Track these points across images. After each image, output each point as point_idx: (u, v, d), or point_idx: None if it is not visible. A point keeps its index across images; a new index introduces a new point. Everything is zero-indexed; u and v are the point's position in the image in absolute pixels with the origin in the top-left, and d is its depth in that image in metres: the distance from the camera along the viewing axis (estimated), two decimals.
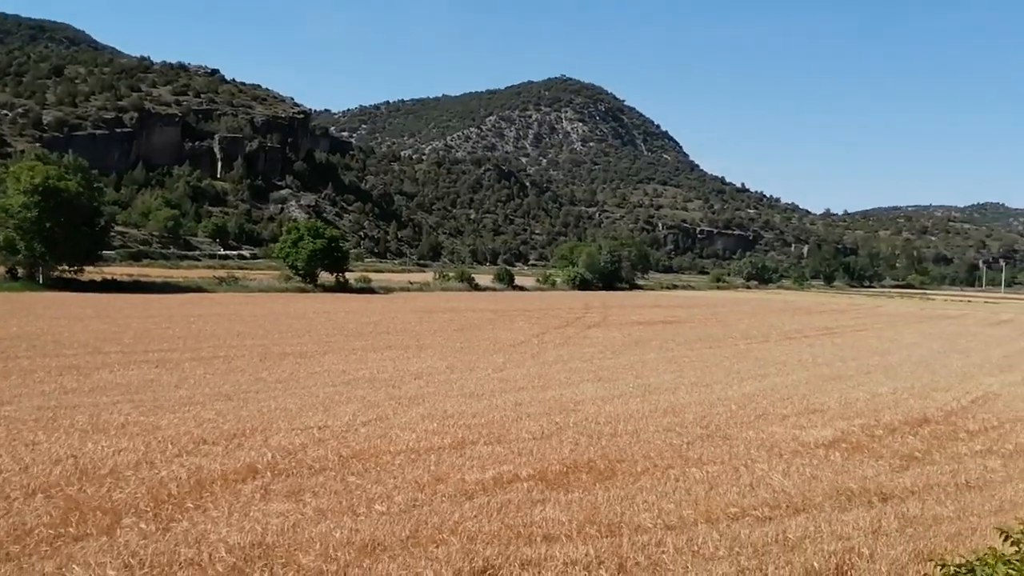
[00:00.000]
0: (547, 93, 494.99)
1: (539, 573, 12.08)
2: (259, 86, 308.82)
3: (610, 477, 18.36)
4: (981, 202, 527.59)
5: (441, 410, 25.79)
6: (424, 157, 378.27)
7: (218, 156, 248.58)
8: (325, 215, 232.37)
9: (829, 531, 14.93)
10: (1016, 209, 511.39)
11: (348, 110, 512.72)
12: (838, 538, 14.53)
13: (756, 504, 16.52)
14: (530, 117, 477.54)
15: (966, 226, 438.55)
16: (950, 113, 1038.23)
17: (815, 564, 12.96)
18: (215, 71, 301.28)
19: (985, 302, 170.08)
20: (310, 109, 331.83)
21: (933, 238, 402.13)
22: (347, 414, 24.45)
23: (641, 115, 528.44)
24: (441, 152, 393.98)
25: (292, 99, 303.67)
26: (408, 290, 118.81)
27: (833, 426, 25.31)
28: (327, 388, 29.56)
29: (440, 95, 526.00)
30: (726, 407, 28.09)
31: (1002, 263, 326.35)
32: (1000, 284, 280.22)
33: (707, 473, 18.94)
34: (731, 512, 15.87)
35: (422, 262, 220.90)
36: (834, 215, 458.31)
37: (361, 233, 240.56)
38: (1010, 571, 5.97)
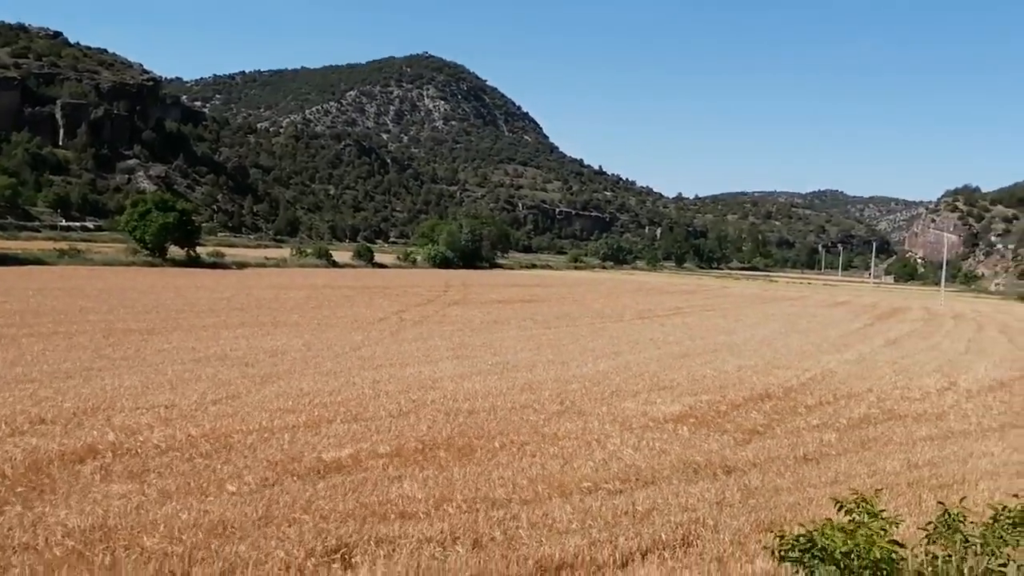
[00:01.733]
0: (409, 70, 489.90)
1: (394, 551, 12.03)
2: (105, 51, 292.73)
3: (468, 454, 18.48)
4: (821, 189, 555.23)
5: (296, 388, 25.32)
6: (282, 130, 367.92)
7: (60, 123, 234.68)
8: (176, 187, 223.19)
9: (676, 503, 15.47)
10: (853, 196, 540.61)
11: (201, 79, 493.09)
12: (685, 509, 15.08)
13: (608, 478, 16.94)
14: (392, 93, 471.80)
15: (807, 212, 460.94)
16: (794, 104, 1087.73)
17: (663, 535, 13.40)
18: (58, 33, 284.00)
19: (824, 284, 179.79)
20: (160, 76, 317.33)
21: (777, 223, 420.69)
22: (196, 393, 23.68)
23: (503, 95, 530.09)
24: (300, 126, 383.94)
25: (141, 65, 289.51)
26: (264, 266, 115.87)
27: (682, 402, 26.21)
28: (175, 366, 28.54)
29: (299, 67, 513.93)
30: (581, 384, 28.67)
31: (839, 248, 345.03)
32: (838, 268, 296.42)
33: (562, 448, 19.31)
34: (584, 486, 16.23)
35: (279, 238, 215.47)
36: (686, 199, 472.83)
37: (214, 206, 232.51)
38: (847, 539, 6.34)
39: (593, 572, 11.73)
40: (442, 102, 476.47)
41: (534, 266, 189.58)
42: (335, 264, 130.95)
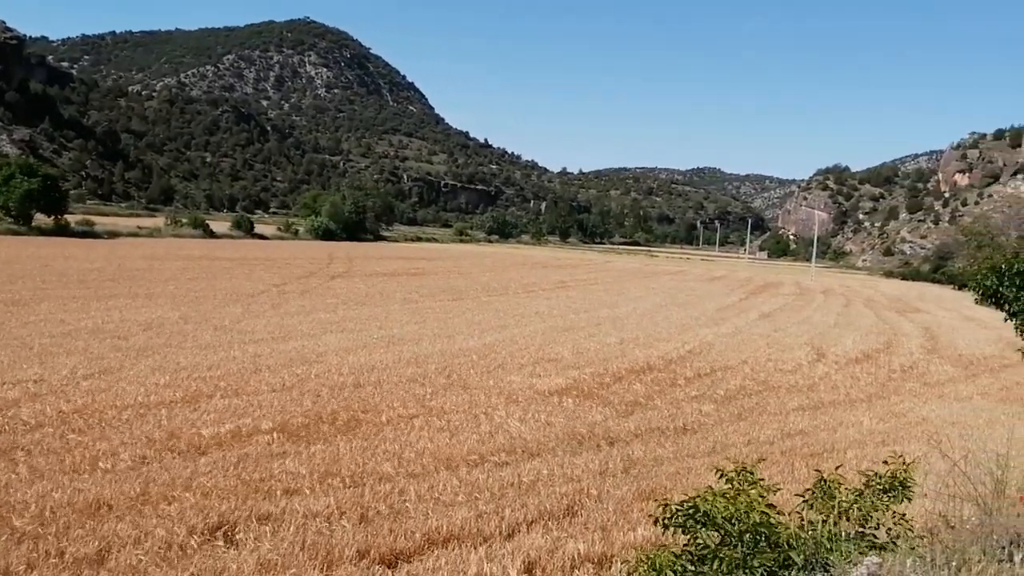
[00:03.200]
0: (290, 35, 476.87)
1: (278, 527, 11.83)
2: None
3: (353, 428, 18.30)
4: (700, 167, 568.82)
5: (173, 362, 24.54)
6: (155, 94, 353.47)
7: None
8: (41, 152, 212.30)
9: (561, 474, 15.70)
10: (730, 174, 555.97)
11: (69, 38, 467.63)
12: (569, 480, 15.31)
13: (494, 450, 17.05)
14: (272, 59, 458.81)
15: (687, 188, 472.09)
16: (676, 82, 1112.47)
17: (548, 506, 13.57)
18: None
19: (702, 260, 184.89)
20: (24, 35, 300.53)
21: (658, 199, 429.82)
22: (67, 367, 22.68)
23: (387, 64, 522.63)
24: (174, 90, 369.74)
25: (3, 23, 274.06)
26: (137, 235, 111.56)
27: (566, 375, 26.56)
28: (43, 339, 27.24)
29: (173, 28, 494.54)
30: (468, 357, 28.73)
31: (717, 224, 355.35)
32: (715, 243, 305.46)
33: (449, 422, 19.33)
34: (471, 459, 16.30)
35: (152, 207, 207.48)
36: (570, 174, 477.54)
37: (83, 173, 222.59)
38: (728, 505, 6.53)
39: (480, 543, 11.78)
40: (324, 69, 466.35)
41: (419, 239, 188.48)
42: (212, 235, 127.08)
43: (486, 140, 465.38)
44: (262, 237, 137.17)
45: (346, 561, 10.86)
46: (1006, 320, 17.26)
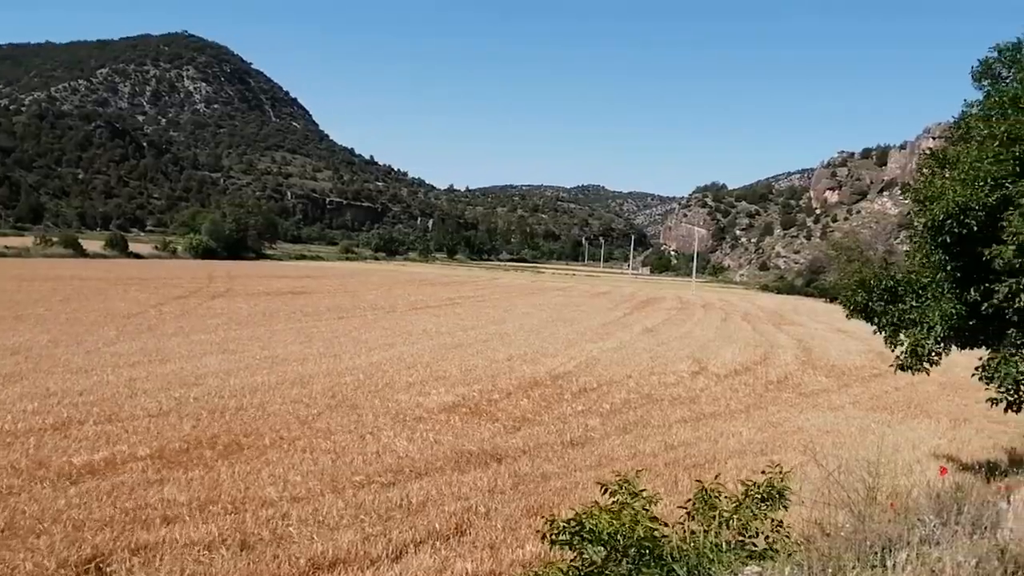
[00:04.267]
0: (167, 49, 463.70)
1: (155, 557, 11.37)
2: None
3: (235, 452, 17.78)
4: (585, 184, 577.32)
5: (43, 388, 23.39)
6: (24, 108, 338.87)
7: None
8: None
9: (450, 492, 15.60)
10: (614, 192, 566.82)
11: None
12: (458, 499, 15.23)
13: (381, 471, 16.83)
14: (148, 73, 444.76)
15: (572, 206, 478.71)
16: (560, 101, 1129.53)
17: (437, 525, 13.47)
18: None
19: (587, 275, 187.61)
20: None
21: (544, 216, 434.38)
22: None
23: (269, 80, 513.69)
24: (44, 104, 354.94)
25: None
26: (4, 256, 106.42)
27: (455, 392, 26.48)
28: None
29: (43, 41, 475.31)
30: (354, 377, 28.33)
31: (601, 240, 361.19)
32: (600, 259, 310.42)
33: (334, 443, 18.99)
34: (357, 480, 16.04)
35: (20, 225, 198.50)
36: (457, 191, 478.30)
37: None
38: (613, 520, 6.58)
39: (367, 567, 11.60)
40: (204, 84, 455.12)
41: (304, 257, 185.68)
42: (85, 254, 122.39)
43: (372, 157, 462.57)
44: (138, 256, 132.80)
45: None
46: (875, 333, 17.97)
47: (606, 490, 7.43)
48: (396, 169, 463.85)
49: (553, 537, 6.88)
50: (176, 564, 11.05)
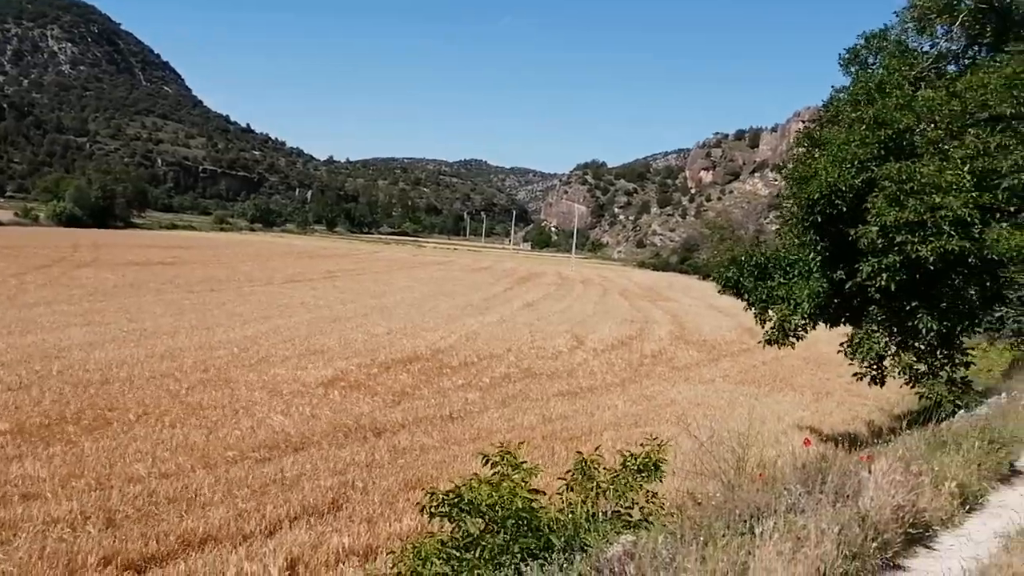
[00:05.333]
0: (30, 6, 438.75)
1: (14, 536, 10.85)
2: None
3: (100, 427, 17.10)
4: (467, 159, 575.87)
5: None
6: None
7: None
8: None
9: (326, 467, 15.41)
10: (496, 167, 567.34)
11: None
12: (335, 473, 15.06)
13: (256, 446, 16.48)
14: (9, 31, 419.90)
15: (454, 180, 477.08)
16: (443, 74, 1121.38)
17: (312, 500, 13.29)
18: None
19: (469, 250, 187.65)
20: None
21: (426, 189, 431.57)
22: None
23: (140, 42, 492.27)
24: None
25: None
26: None
27: (333, 366, 26.14)
28: None
29: None
30: (228, 350, 27.63)
31: (483, 215, 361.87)
32: (481, 234, 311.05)
33: (206, 418, 18.50)
34: (230, 456, 15.67)
35: None
36: (337, 162, 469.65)
37: None
38: (492, 492, 6.59)
39: (239, 543, 11.35)
40: (69, 44, 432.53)
41: (175, 227, 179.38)
42: None
43: (248, 125, 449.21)
44: None
45: (90, 569, 10.13)
46: (746, 309, 18.56)
47: (487, 461, 7.43)
48: (274, 138, 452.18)
49: (432, 509, 6.86)
50: (36, 542, 10.56)
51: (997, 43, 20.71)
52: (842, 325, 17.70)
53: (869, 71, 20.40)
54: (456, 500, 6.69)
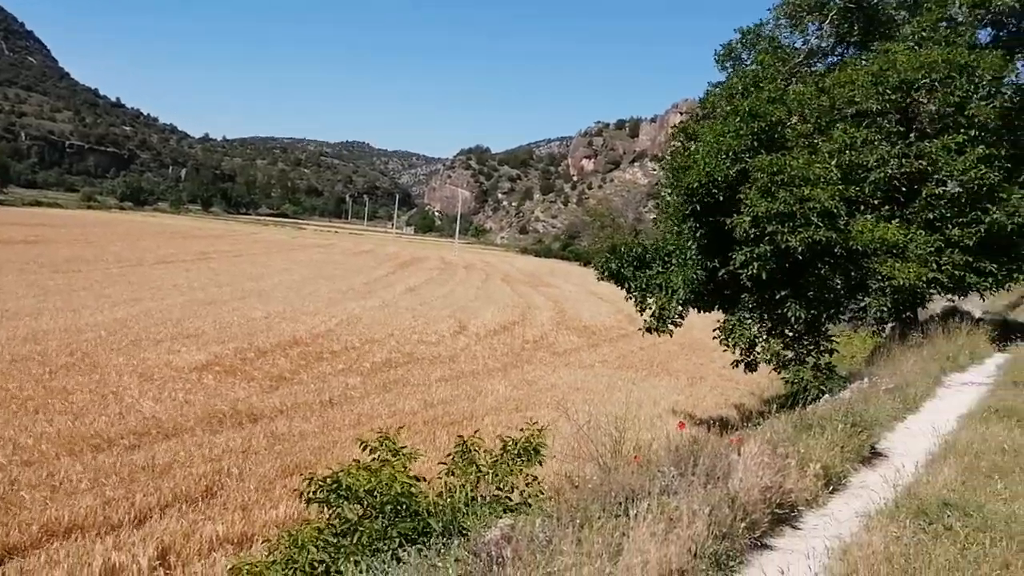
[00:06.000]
0: None
1: None
2: None
3: None
4: (349, 140, 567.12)
5: None
6: None
7: None
8: None
9: (200, 454, 15.00)
10: (379, 149, 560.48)
11: None
12: (208, 460, 14.68)
13: (125, 432, 15.92)
14: None
15: (335, 162, 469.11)
16: (325, 53, 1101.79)
17: (184, 488, 12.93)
18: None
19: (351, 233, 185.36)
20: None
21: (306, 171, 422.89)
22: None
23: (2, 9, 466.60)
24: None
25: None
26: None
27: (208, 350, 25.44)
28: None
29: None
30: (96, 333, 26.55)
31: (365, 198, 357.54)
32: (364, 217, 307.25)
33: (72, 403, 17.76)
34: (97, 443, 15.10)
35: None
36: (213, 140, 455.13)
37: None
38: (371, 478, 6.53)
39: (107, 532, 10.97)
40: None
41: (39, 203, 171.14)
42: None
43: (118, 99, 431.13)
44: None
45: None
46: (627, 298, 18.96)
47: (366, 447, 7.37)
48: (146, 114, 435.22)
49: (310, 495, 6.76)
50: None
51: (864, 41, 21.73)
52: (716, 312, 18.24)
53: (744, 66, 21.07)
54: (334, 486, 6.61)
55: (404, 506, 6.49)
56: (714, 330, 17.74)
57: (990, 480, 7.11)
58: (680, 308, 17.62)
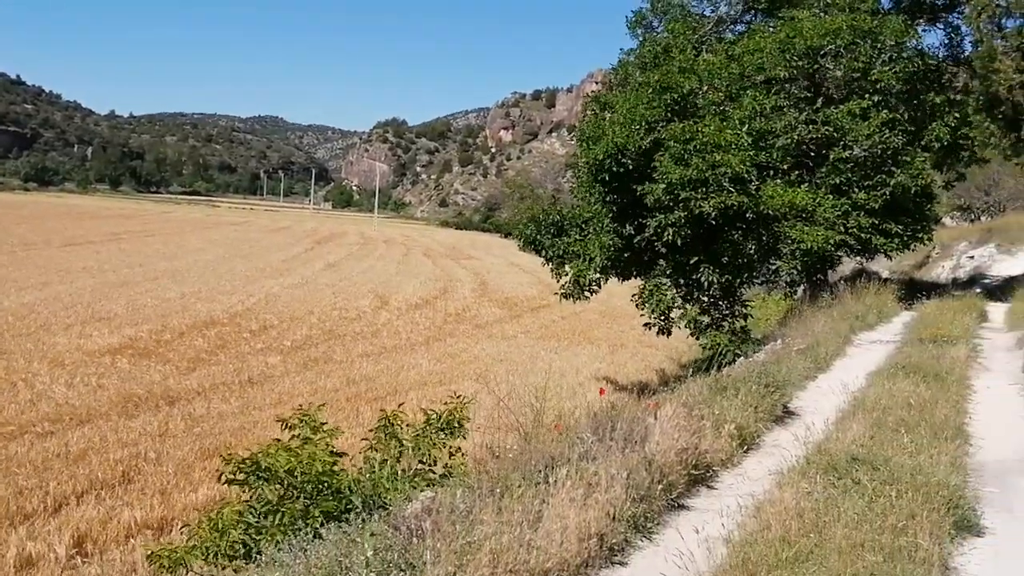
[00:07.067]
0: None
1: None
2: None
3: None
4: (262, 115, 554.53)
5: None
6: None
7: None
8: None
9: (116, 439, 14.68)
10: (293, 124, 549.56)
11: None
12: (125, 445, 14.38)
13: (37, 419, 15.48)
14: None
15: (248, 137, 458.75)
16: (233, 26, 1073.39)
17: (101, 474, 12.66)
18: None
19: (266, 210, 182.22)
20: None
21: (218, 146, 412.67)
22: None
23: None
24: None
25: None
26: None
27: (121, 333, 24.83)
28: None
29: None
30: (2, 318, 25.67)
31: (281, 174, 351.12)
32: (279, 194, 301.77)
33: None
34: (7, 431, 14.66)
35: None
36: (120, 117, 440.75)
37: None
38: (291, 457, 6.47)
39: (20, 522, 10.71)
40: None
41: None
42: None
43: (18, 76, 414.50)
44: None
45: None
46: (543, 265, 19.08)
47: (286, 425, 7.30)
48: (48, 91, 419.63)
49: (228, 477, 6.68)
50: None
51: (771, 9, 22.11)
52: (634, 279, 18.47)
53: (655, 34, 21.23)
54: (253, 467, 6.54)
55: (326, 484, 6.45)
56: (632, 295, 17.98)
57: (897, 434, 7.37)
58: (597, 276, 17.82)
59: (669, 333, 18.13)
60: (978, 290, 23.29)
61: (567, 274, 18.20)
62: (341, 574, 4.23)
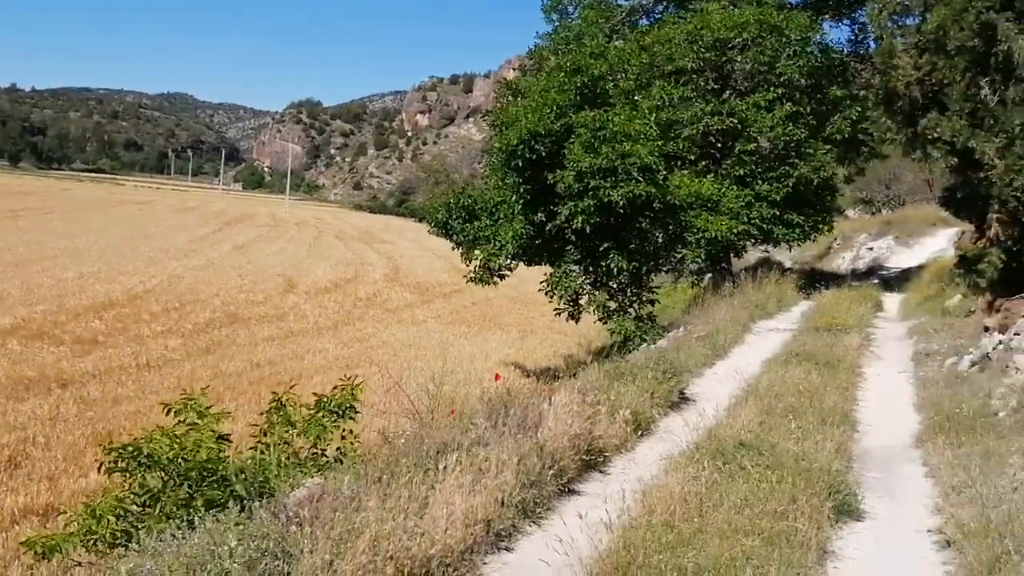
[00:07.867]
0: None
1: None
2: None
3: None
4: (171, 92, 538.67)
5: None
6: None
7: None
8: None
9: (3, 423, 14.13)
10: (203, 101, 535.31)
11: None
12: (13, 429, 13.83)
13: None
14: None
15: (156, 114, 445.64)
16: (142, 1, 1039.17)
17: None
18: None
19: (173, 190, 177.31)
20: None
21: (124, 123, 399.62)
22: None
23: None
24: None
25: None
26: None
27: (13, 313, 23.88)
28: None
29: None
30: None
31: (190, 153, 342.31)
32: (188, 173, 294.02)
33: None
34: None
35: None
36: (21, 90, 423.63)
37: None
38: (174, 444, 6.26)
39: None
40: None
41: None
42: None
43: None
44: None
45: None
46: (454, 249, 19.05)
47: (169, 410, 7.10)
48: None
49: (109, 465, 6.46)
50: None
51: (682, 0, 22.34)
52: (544, 265, 18.55)
53: (569, 20, 21.28)
54: (135, 454, 6.32)
55: (210, 472, 6.28)
56: (541, 282, 18.05)
57: (785, 420, 7.53)
58: (507, 261, 17.86)
59: (578, 319, 18.28)
60: (875, 281, 24.03)
61: (476, 258, 18.19)
62: (212, 563, 4.10)
